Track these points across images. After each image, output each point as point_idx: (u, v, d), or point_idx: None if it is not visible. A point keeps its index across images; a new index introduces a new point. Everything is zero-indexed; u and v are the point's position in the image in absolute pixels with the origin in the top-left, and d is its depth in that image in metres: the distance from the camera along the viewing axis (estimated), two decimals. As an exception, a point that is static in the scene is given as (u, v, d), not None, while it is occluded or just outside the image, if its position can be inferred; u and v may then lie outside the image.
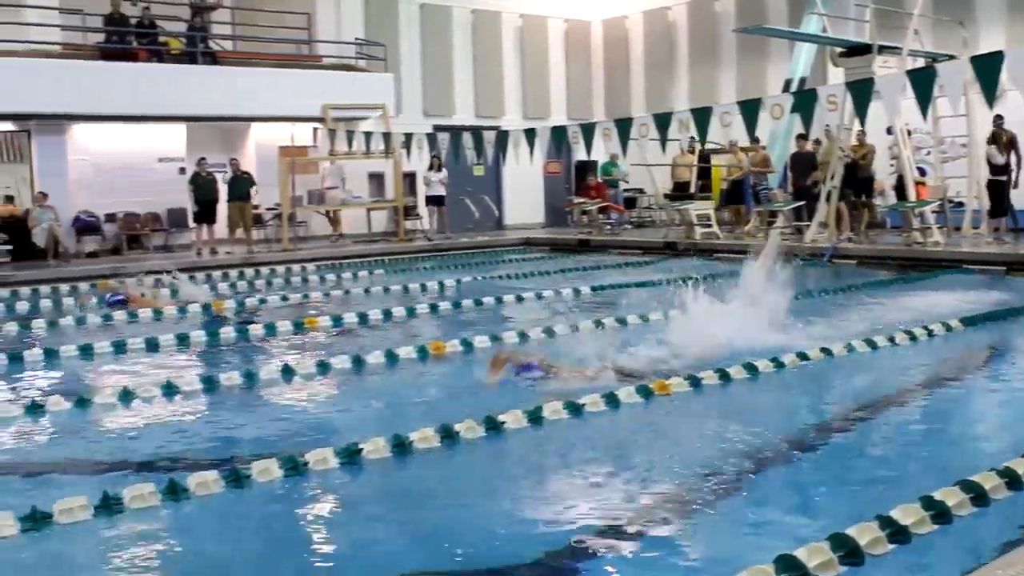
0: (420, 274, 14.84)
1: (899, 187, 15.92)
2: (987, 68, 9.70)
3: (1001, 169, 14.95)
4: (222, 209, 17.70)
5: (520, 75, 24.18)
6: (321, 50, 20.71)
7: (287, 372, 7.39)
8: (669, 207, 19.32)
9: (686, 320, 7.89)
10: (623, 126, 13.26)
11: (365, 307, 10.77)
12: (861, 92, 11.10)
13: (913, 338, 8.11)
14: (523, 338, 8.59)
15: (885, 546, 3.72)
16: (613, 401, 6.11)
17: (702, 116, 12.30)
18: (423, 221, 20.56)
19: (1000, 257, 13.17)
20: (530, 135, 14.52)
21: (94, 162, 18.08)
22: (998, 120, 14.58)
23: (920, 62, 14.85)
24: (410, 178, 20.64)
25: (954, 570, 3.62)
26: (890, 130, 15.41)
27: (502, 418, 5.64)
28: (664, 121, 12.72)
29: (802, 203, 16.66)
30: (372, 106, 19.32)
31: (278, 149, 19.00)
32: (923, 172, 16.95)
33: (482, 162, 18.06)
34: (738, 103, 12.40)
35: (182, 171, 18.57)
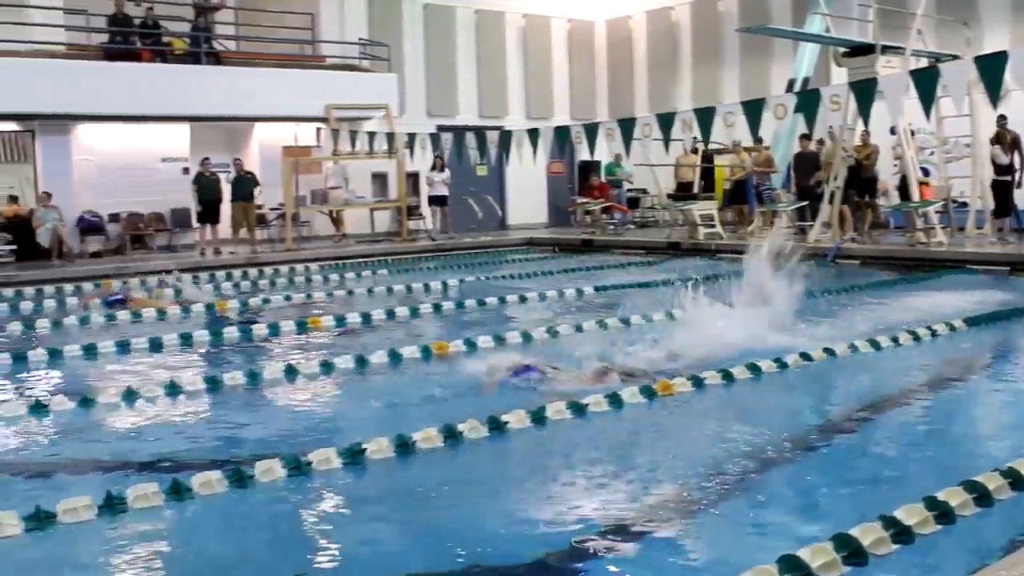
0: (423, 274, 14.84)
1: (902, 187, 15.90)
2: (991, 68, 9.70)
3: (1005, 169, 14.93)
4: (226, 209, 17.71)
5: (523, 75, 24.18)
6: (325, 50, 20.73)
7: (290, 372, 7.40)
8: (672, 207, 19.30)
9: (689, 320, 7.88)
10: (626, 126, 13.27)
11: (368, 307, 10.77)
12: (864, 92, 11.10)
13: (916, 338, 8.10)
14: (527, 338, 8.58)
15: (889, 546, 3.72)
16: (616, 401, 6.10)
17: (705, 116, 12.31)
18: (426, 221, 20.58)
19: (1004, 257, 13.14)
20: (533, 135, 14.53)
21: (98, 162, 18.13)
22: (1001, 120, 14.56)
23: (924, 62, 14.83)
24: (413, 178, 20.63)
25: (958, 570, 3.62)
26: (893, 130, 15.41)
27: (505, 418, 5.63)
28: (667, 121, 12.73)
29: (805, 203, 16.65)
30: (375, 106, 19.32)
31: (282, 149, 19.02)
32: (927, 172, 16.95)
33: (485, 162, 18.06)
34: (741, 103, 12.41)
35: (186, 171, 18.61)
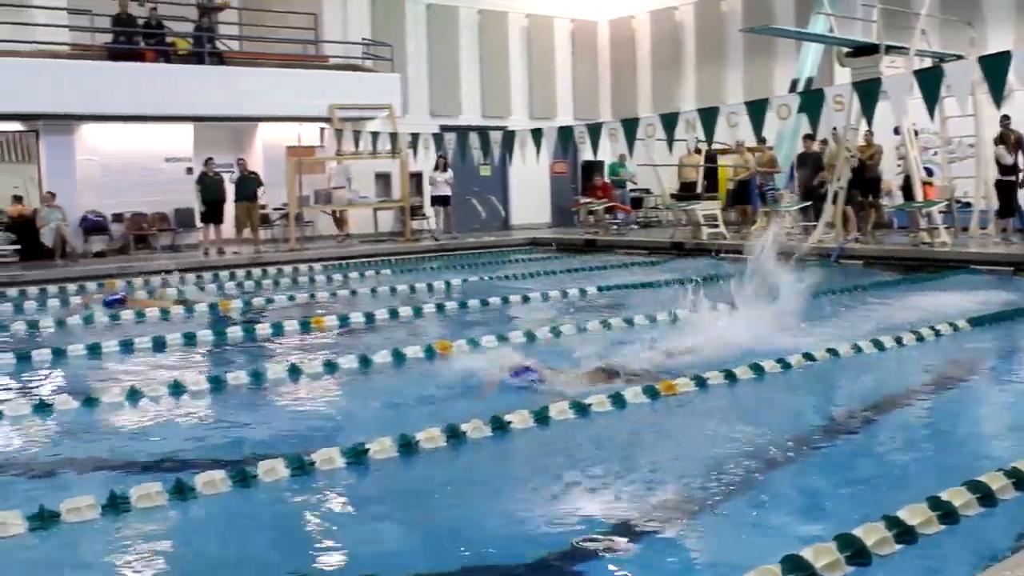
0: (426, 274, 14.84)
1: (906, 187, 15.87)
2: (995, 68, 9.70)
3: (1010, 169, 14.90)
4: (229, 209, 17.73)
5: (526, 75, 24.17)
6: (328, 50, 20.73)
7: (294, 372, 7.40)
8: (676, 207, 19.30)
9: (692, 321, 7.87)
10: (629, 126, 13.27)
11: (372, 307, 10.78)
12: (868, 92, 11.10)
13: (920, 338, 8.09)
14: (530, 338, 8.59)
15: (892, 546, 3.71)
16: (619, 401, 6.10)
17: (709, 116, 12.31)
18: (430, 221, 20.59)
19: (1008, 258, 13.12)
20: (536, 135, 14.53)
21: (102, 162, 18.14)
22: (1005, 120, 14.54)
23: (927, 62, 14.81)
24: (416, 178, 20.64)
25: (961, 571, 3.62)
26: (897, 130, 15.38)
27: (508, 418, 5.64)
28: (671, 121, 12.73)
29: (809, 203, 16.64)
30: (378, 106, 19.32)
31: (285, 149, 19.03)
32: (930, 172, 16.93)
33: (488, 162, 18.10)
34: (745, 103, 12.41)
35: (189, 171, 18.63)
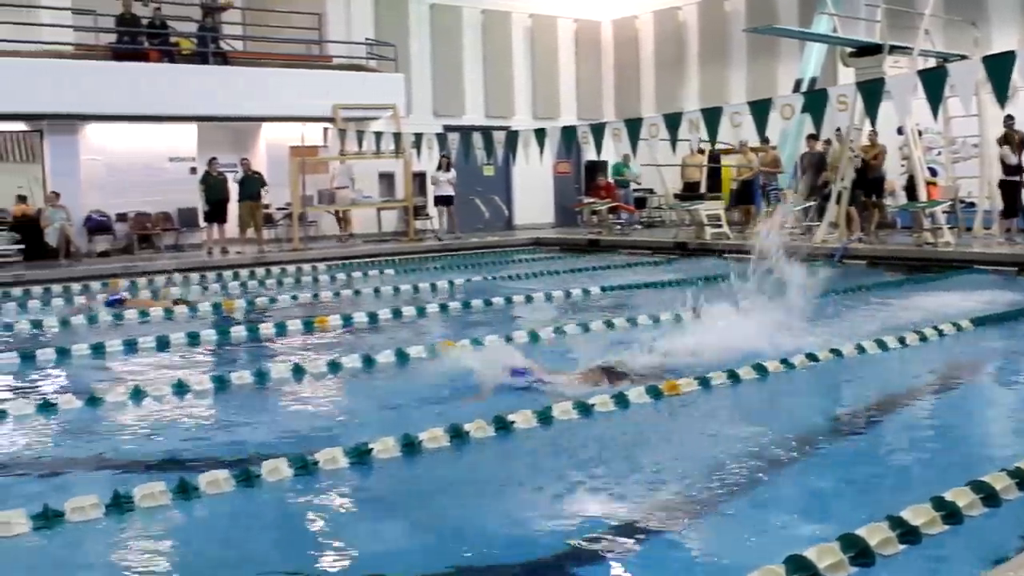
0: (430, 274, 14.84)
1: (910, 187, 15.86)
2: (999, 68, 9.68)
3: (1014, 169, 14.88)
4: (233, 209, 17.76)
5: (530, 75, 24.18)
6: (331, 50, 20.75)
7: (297, 371, 7.40)
8: (679, 207, 19.30)
9: (694, 321, 7.87)
10: (633, 126, 13.25)
11: (375, 307, 10.79)
12: (872, 92, 11.08)
13: (923, 339, 8.08)
14: (534, 338, 8.59)
15: (896, 546, 3.71)
16: (623, 401, 6.10)
17: (712, 116, 12.29)
18: (433, 221, 20.59)
19: (1012, 258, 13.10)
20: (540, 135, 14.52)
21: (106, 162, 18.17)
22: (1009, 120, 14.51)
23: (931, 62, 14.80)
24: (420, 178, 20.66)
25: (965, 571, 3.62)
26: (901, 130, 15.37)
27: (511, 418, 5.64)
28: (674, 121, 12.71)
29: (812, 203, 16.62)
30: (382, 106, 19.34)
31: (289, 149, 19.05)
32: (934, 172, 16.90)
33: (492, 162, 18.09)
34: (748, 103, 12.38)
35: (193, 171, 18.65)
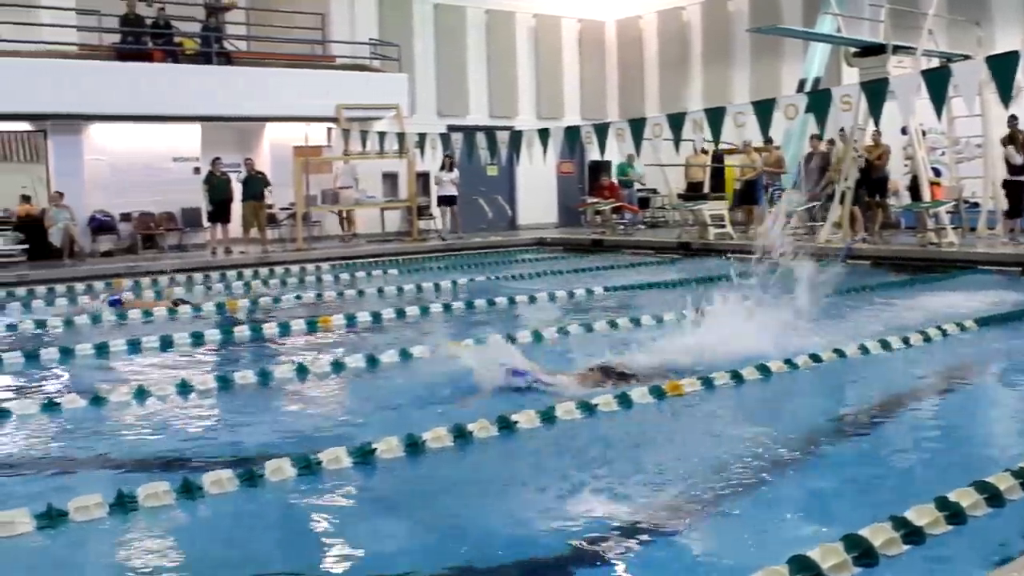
0: (433, 274, 14.84)
1: (913, 187, 15.84)
2: (1002, 68, 9.66)
3: (1018, 169, 14.86)
4: (236, 209, 17.77)
5: (534, 75, 24.18)
6: (335, 50, 20.76)
7: (301, 371, 7.41)
8: (683, 207, 19.29)
9: (697, 321, 7.86)
10: (637, 126, 13.24)
11: (379, 307, 10.79)
12: (875, 92, 11.06)
13: (927, 339, 8.07)
14: (537, 338, 8.59)
15: (899, 547, 3.71)
16: (626, 402, 6.10)
17: (716, 116, 12.28)
18: (436, 221, 20.60)
19: (1015, 258, 13.08)
20: (544, 135, 14.52)
21: (110, 162, 18.21)
22: (1013, 120, 14.50)
23: (935, 62, 14.78)
24: (423, 178, 20.67)
25: (969, 571, 3.61)
26: (904, 130, 15.35)
27: (515, 418, 5.64)
28: (678, 121, 12.70)
29: (816, 203, 16.61)
30: (386, 106, 19.35)
31: (292, 149, 19.07)
32: (938, 172, 16.89)
33: (496, 162, 18.06)
34: (752, 103, 12.37)
35: (197, 171, 18.66)
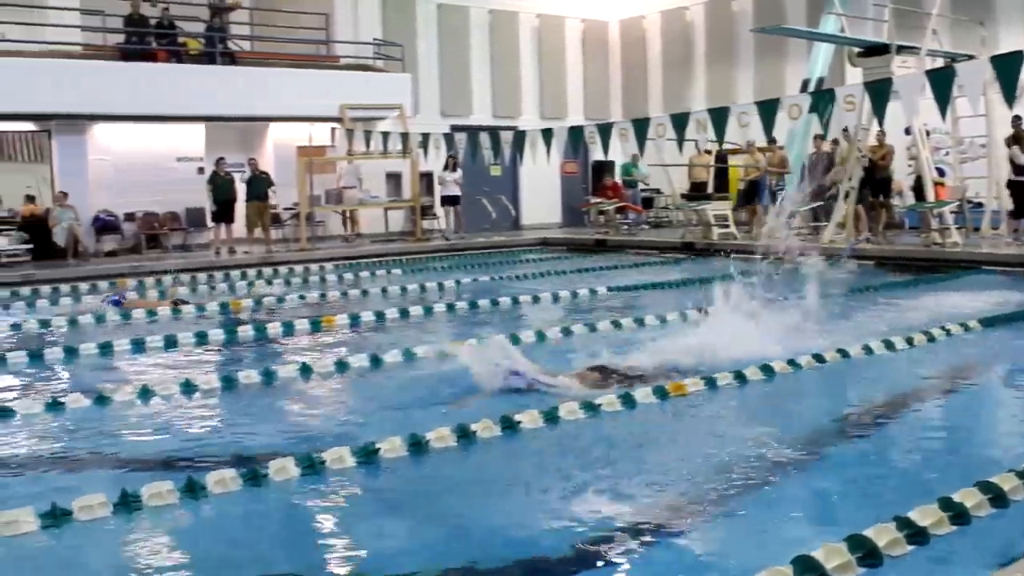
0: (437, 273, 14.86)
1: (917, 187, 15.82)
2: (1007, 68, 9.67)
3: (1023, 170, 14.83)
4: (240, 209, 17.79)
5: (537, 75, 24.18)
6: (339, 50, 20.78)
7: (305, 371, 7.42)
8: (686, 207, 19.28)
9: (699, 321, 7.87)
10: (640, 126, 13.26)
11: (382, 306, 10.80)
12: (879, 92, 11.07)
13: (931, 339, 8.06)
14: (540, 338, 8.60)
15: (903, 547, 3.70)
16: (629, 402, 6.10)
17: (719, 116, 12.30)
18: (440, 221, 20.61)
19: (1020, 259, 13.05)
20: (547, 135, 14.54)
21: (114, 162, 18.22)
22: (1017, 120, 14.47)
23: (939, 62, 14.76)
24: (427, 178, 20.67)
25: (972, 572, 3.61)
26: (908, 130, 15.34)
27: (518, 418, 5.64)
28: (681, 121, 12.72)
29: (819, 203, 16.60)
30: (389, 106, 19.35)
31: (296, 149, 19.08)
32: (942, 172, 16.87)
33: (499, 162, 18.10)
34: (756, 103, 12.40)
35: (201, 171, 18.70)
